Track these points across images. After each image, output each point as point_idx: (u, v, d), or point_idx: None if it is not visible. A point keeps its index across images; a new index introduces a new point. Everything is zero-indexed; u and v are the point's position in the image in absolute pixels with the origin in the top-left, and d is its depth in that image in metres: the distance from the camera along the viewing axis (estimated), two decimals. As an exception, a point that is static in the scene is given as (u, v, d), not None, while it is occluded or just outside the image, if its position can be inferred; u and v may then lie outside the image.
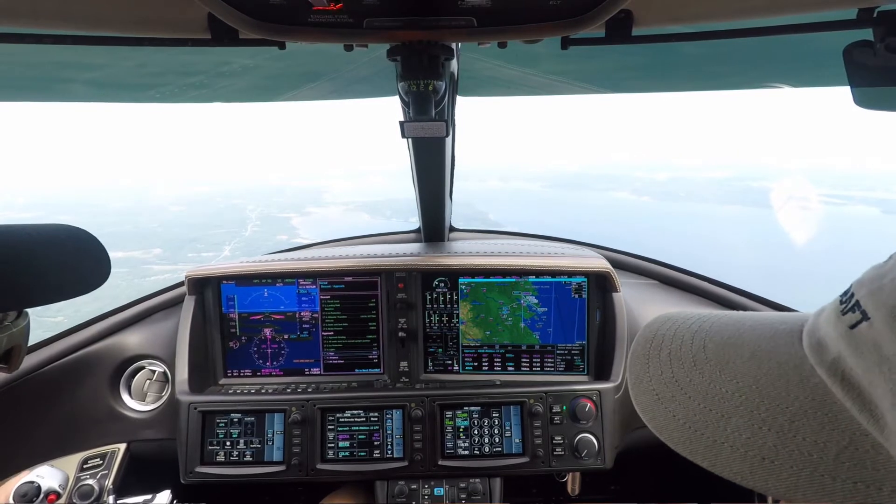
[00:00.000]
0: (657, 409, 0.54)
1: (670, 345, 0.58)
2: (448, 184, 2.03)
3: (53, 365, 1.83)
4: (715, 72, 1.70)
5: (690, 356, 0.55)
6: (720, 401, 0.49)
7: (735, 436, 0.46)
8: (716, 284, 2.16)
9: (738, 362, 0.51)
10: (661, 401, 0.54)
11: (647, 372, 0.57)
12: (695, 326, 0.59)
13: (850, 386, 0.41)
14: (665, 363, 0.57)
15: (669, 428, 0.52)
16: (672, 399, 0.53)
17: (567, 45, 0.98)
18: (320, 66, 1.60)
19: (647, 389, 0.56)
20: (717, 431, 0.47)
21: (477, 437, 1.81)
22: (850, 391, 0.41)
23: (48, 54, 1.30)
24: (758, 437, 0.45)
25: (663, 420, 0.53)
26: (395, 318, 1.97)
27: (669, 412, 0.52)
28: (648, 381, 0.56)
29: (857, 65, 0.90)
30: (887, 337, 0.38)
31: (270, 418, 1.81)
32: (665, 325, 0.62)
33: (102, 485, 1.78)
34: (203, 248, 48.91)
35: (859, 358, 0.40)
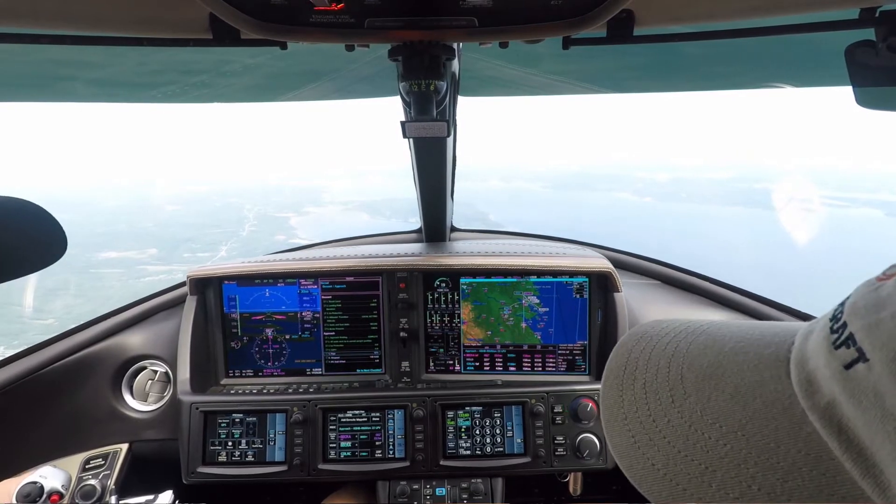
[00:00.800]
0: (634, 455, 0.46)
1: (645, 373, 0.50)
2: (449, 184, 2.03)
3: (55, 365, 1.83)
4: (716, 72, 1.70)
5: (668, 390, 0.47)
6: (703, 449, 0.42)
7: (721, 494, 0.39)
8: (717, 284, 2.16)
9: (720, 400, 0.43)
10: (638, 446, 0.46)
11: (621, 408, 0.50)
12: (671, 348, 0.51)
13: (849, 442, 0.34)
14: (640, 397, 0.49)
15: (649, 480, 0.44)
16: (650, 444, 0.45)
17: (568, 45, 0.98)
18: (321, 65, 1.60)
19: (623, 430, 0.48)
20: (701, 488, 0.41)
21: (478, 437, 1.81)
22: (850, 449, 0.34)
23: (47, 52, 1.30)
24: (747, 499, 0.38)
25: (642, 470, 0.45)
26: (397, 318, 1.97)
27: (648, 460, 0.45)
28: (623, 421, 0.49)
29: (858, 65, 0.89)
30: (890, 386, 0.31)
31: (272, 418, 1.81)
32: (639, 346, 0.54)
33: (105, 485, 1.79)
34: (199, 248, 48.51)
35: (858, 409, 0.33)
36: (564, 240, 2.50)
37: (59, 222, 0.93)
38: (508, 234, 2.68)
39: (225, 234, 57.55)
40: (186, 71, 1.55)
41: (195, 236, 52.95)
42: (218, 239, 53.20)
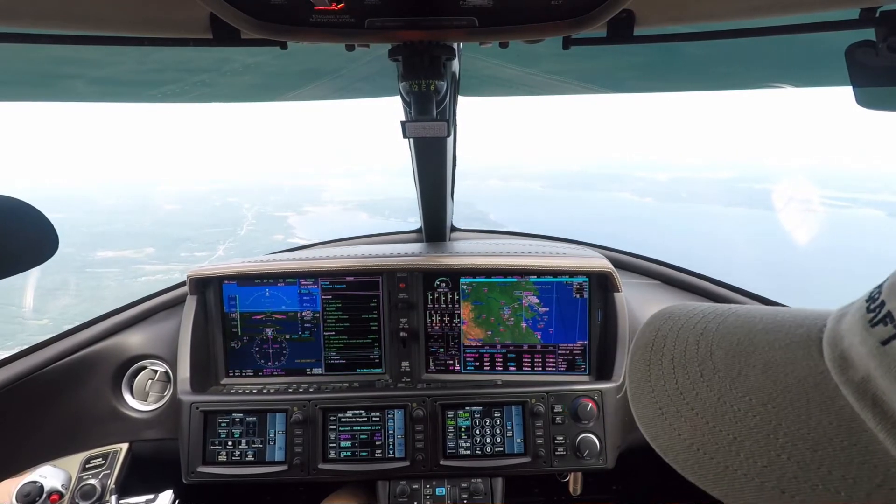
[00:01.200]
0: (660, 426, 0.48)
1: (673, 349, 0.52)
2: (449, 183, 2.03)
3: (55, 365, 1.83)
4: (716, 72, 1.70)
5: (697, 364, 0.49)
6: (732, 421, 0.43)
7: (749, 463, 0.40)
8: (718, 284, 2.16)
9: (750, 375, 0.45)
10: (664, 416, 0.48)
11: (648, 381, 0.51)
12: (700, 326, 0.52)
13: (884, 414, 0.35)
14: (668, 371, 0.50)
15: (675, 449, 0.46)
16: (677, 415, 0.47)
17: (568, 45, 0.98)
18: (322, 65, 1.60)
19: (650, 402, 0.50)
20: (728, 457, 0.42)
21: (478, 437, 1.81)
22: (885, 421, 0.35)
23: (47, 51, 1.30)
24: (776, 467, 0.39)
25: (668, 439, 0.47)
26: (397, 317, 1.97)
27: (674, 430, 0.46)
28: (650, 393, 0.50)
29: (859, 65, 0.89)
30: None
31: (272, 418, 1.81)
32: (667, 324, 0.55)
33: (105, 484, 1.79)
34: (196, 247, 48.05)
35: (891, 381, 0.34)
36: (564, 240, 2.50)
37: (49, 220, 0.92)
38: (508, 234, 2.68)
39: (223, 233, 57.10)
40: (187, 70, 1.55)
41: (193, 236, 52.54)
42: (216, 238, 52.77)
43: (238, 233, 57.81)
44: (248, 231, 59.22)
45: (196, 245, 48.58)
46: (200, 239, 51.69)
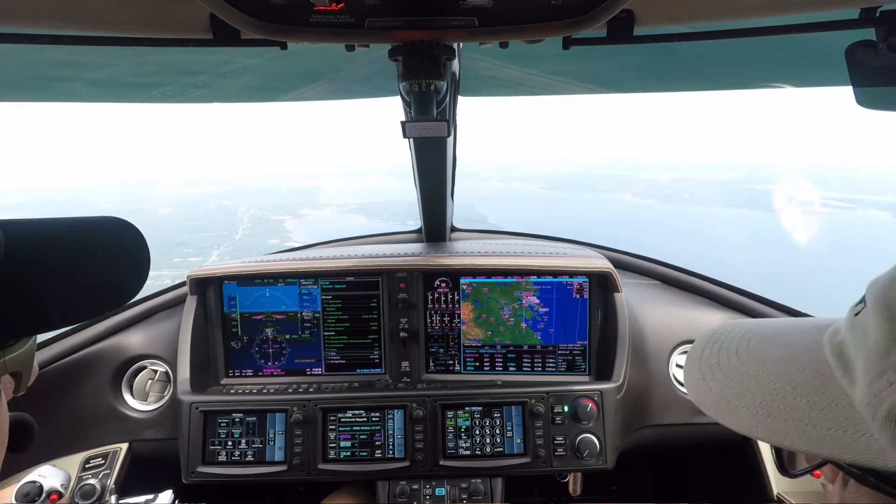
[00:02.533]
0: (699, 385, 0.68)
1: (724, 340, 0.71)
2: (449, 184, 2.03)
3: (55, 365, 1.83)
4: (716, 72, 1.70)
5: (735, 347, 0.68)
6: (746, 378, 0.62)
7: (751, 401, 0.59)
8: (717, 285, 2.16)
9: (769, 350, 0.64)
10: (704, 379, 0.68)
11: (699, 358, 0.71)
12: (748, 326, 0.72)
13: (843, 359, 0.53)
14: (714, 352, 0.70)
15: (705, 400, 0.66)
16: (712, 378, 0.67)
17: (568, 45, 0.98)
18: (321, 65, 1.60)
19: (696, 371, 0.70)
20: (739, 399, 0.61)
21: (478, 438, 1.81)
22: (841, 362, 0.53)
23: (45, 53, 1.30)
24: (767, 401, 0.58)
25: (702, 393, 0.67)
26: (397, 318, 1.97)
27: (708, 387, 0.66)
28: (699, 366, 0.70)
29: (859, 65, 0.89)
30: (871, 317, 0.50)
31: (272, 418, 1.81)
32: (726, 326, 0.75)
33: (104, 484, 1.78)
34: (190, 252, 47.05)
35: (852, 336, 0.53)
36: (564, 240, 2.50)
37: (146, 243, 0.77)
38: (508, 235, 2.68)
39: (217, 237, 56.18)
40: (185, 71, 1.55)
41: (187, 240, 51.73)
42: (210, 243, 51.94)
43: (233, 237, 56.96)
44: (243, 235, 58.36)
45: (190, 250, 47.73)
46: (194, 244, 50.78)
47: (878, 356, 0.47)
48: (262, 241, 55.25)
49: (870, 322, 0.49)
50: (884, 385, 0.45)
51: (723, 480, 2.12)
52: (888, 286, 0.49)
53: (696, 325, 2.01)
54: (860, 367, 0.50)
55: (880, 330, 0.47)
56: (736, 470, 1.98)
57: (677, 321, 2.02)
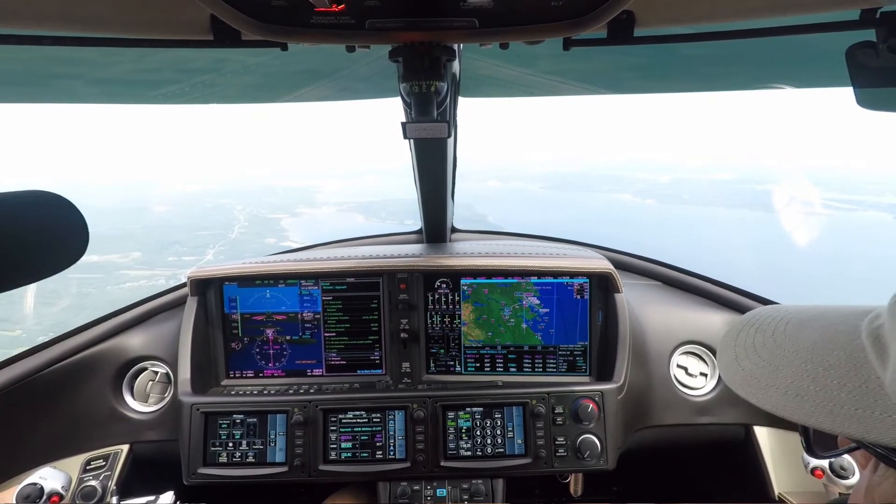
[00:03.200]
0: (732, 365, 0.68)
1: (761, 322, 0.72)
2: (450, 184, 2.03)
3: (56, 366, 1.83)
4: (716, 73, 1.70)
5: (772, 330, 0.69)
6: (779, 358, 0.63)
7: (782, 381, 0.60)
8: (717, 285, 2.16)
9: (806, 332, 0.64)
10: (737, 359, 0.68)
11: (735, 340, 0.72)
12: (784, 311, 0.72)
13: (879, 342, 0.53)
14: (751, 334, 0.70)
15: (736, 378, 0.66)
16: (745, 357, 0.67)
17: (569, 45, 0.98)
18: (322, 66, 1.60)
19: (730, 352, 0.70)
20: (770, 378, 0.62)
21: (479, 438, 1.81)
22: (877, 345, 0.53)
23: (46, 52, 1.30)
24: (797, 381, 0.58)
25: (733, 372, 0.67)
26: (397, 318, 1.97)
27: (740, 367, 0.67)
28: (733, 347, 0.71)
29: (859, 66, 0.90)
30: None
31: (273, 419, 1.81)
32: (763, 311, 0.75)
33: (105, 486, 1.79)
34: (185, 251, 46.01)
35: (892, 321, 0.53)
36: (565, 240, 2.50)
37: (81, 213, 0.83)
38: (509, 235, 2.68)
39: (213, 236, 55.27)
40: (187, 71, 1.55)
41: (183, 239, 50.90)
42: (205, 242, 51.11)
43: (229, 236, 56.16)
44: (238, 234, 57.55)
45: (185, 249, 46.82)
46: (189, 242, 49.89)
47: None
48: (259, 240, 54.62)
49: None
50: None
51: (724, 480, 2.12)
52: None
53: (696, 325, 2.01)
54: (894, 350, 0.50)
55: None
56: (737, 470, 1.98)
57: (678, 322, 2.02)
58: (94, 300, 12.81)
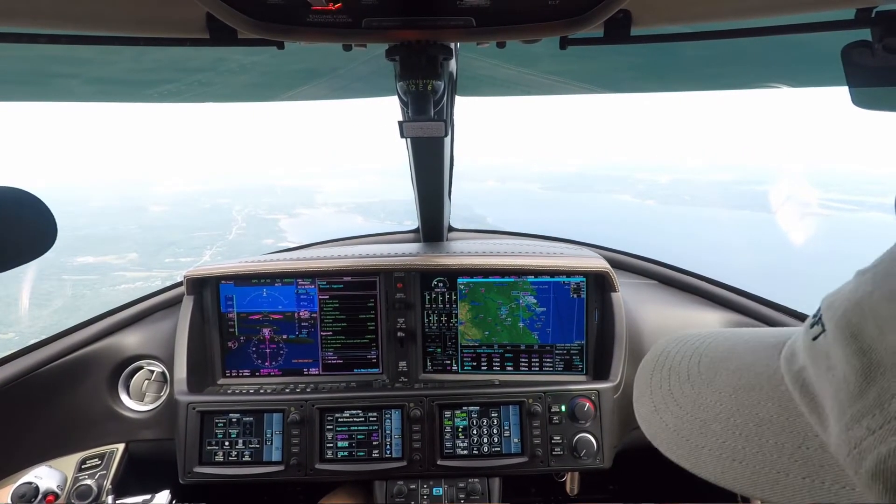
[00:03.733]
0: (653, 418, 0.59)
1: (672, 361, 0.64)
2: (447, 183, 2.03)
3: (51, 365, 1.83)
4: (713, 72, 1.70)
5: (686, 371, 0.61)
6: (704, 410, 0.55)
7: (713, 440, 0.52)
8: (714, 284, 2.16)
9: (723, 375, 0.57)
10: (657, 411, 0.60)
11: (648, 385, 0.64)
12: (697, 343, 0.65)
13: (807, 392, 0.47)
14: (664, 377, 0.63)
15: (661, 435, 0.57)
16: (666, 409, 0.59)
17: (565, 45, 0.98)
18: (319, 64, 1.60)
19: (647, 401, 0.62)
20: (699, 437, 0.53)
21: (476, 437, 1.81)
22: (807, 397, 0.47)
23: (42, 50, 1.29)
24: (730, 441, 0.50)
25: (657, 428, 0.58)
26: (394, 317, 1.97)
27: (663, 421, 0.58)
28: (649, 394, 0.62)
29: (855, 65, 0.90)
30: (833, 346, 0.44)
31: (269, 418, 1.81)
32: (672, 344, 0.68)
33: (101, 485, 1.78)
34: (182, 252, 45.29)
35: (815, 367, 0.46)
36: (562, 240, 2.50)
37: (48, 207, 0.88)
38: (506, 234, 2.68)
39: (211, 237, 54.36)
40: (184, 69, 1.54)
41: (180, 239, 50.25)
42: (203, 243, 50.45)
43: (226, 237, 55.46)
44: (236, 235, 56.84)
45: (182, 250, 46.21)
46: (187, 243, 49.18)
47: (851, 396, 0.40)
48: (256, 242, 54.13)
49: (834, 352, 0.43)
50: (863, 433, 0.39)
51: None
52: (850, 311, 0.43)
53: (693, 324, 2.01)
54: (831, 406, 0.43)
55: (850, 364, 0.41)
56: None
57: (674, 321, 2.03)
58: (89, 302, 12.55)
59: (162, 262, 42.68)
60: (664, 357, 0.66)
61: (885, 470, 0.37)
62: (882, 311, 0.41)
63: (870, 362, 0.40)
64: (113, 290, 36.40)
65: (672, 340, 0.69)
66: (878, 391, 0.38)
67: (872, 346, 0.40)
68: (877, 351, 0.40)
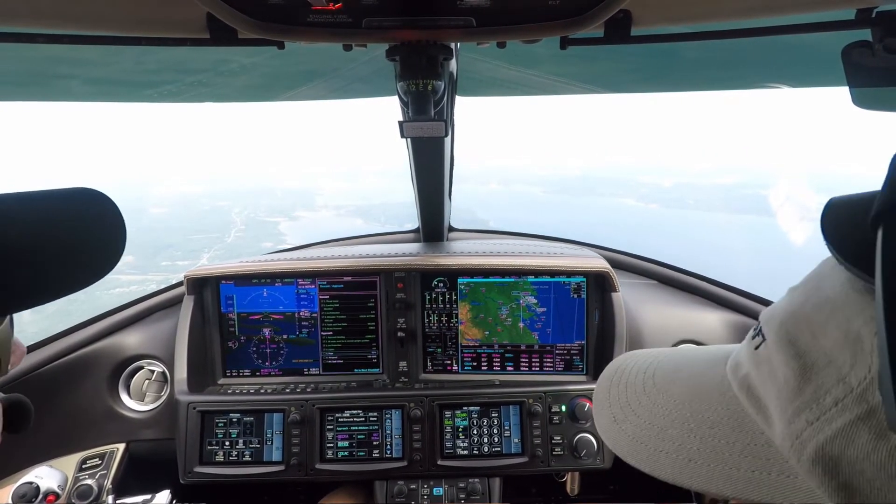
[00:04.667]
0: (612, 428, 0.64)
1: (627, 376, 0.69)
2: (447, 183, 2.03)
3: (52, 365, 1.83)
4: (713, 72, 1.70)
5: (641, 384, 0.66)
6: (661, 418, 0.60)
7: (669, 444, 0.57)
8: (714, 284, 2.16)
9: (676, 386, 0.63)
10: (616, 422, 0.64)
11: (607, 399, 0.68)
12: (650, 359, 0.71)
13: (752, 395, 0.52)
14: (622, 391, 0.67)
15: (621, 443, 0.62)
16: (625, 420, 0.63)
17: (566, 45, 0.98)
18: (319, 65, 1.60)
19: (607, 413, 0.66)
20: (657, 442, 0.58)
21: (476, 437, 1.81)
22: (752, 399, 0.52)
23: (42, 50, 1.29)
24: (686, 443, 0.55)
25: (617, 437, 0.63)
26: (394, 317, 1.97)
27: (622, 431, 0.63)
28: (608, 407, 0.67)
29: (855, 65, 0.90)
30: (774, 353, 0.49)
31: (269, 418, 1.81)
32: (627, 360, 0.74)
33: (101, 485, 1.78)
34: (179, 255, 44.25)
35: (759, 372, 0.51)
36: (562, 240, 2.50)
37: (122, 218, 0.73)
38: (506, 234, 2.68)
39: (209, 240, 53.38)
40: (184, 70, 1.54)
41: (177, 242, 49.44)
42: (201, 245, 49.67)
43: (225, 240, 54.66)
44: (235, 238, 55.92)
45: (179, 253, 45.41)
46: (184, 246, 48.33)
47: (790, 394, 0.46)
48: (255, 245, 53.50)
49: (774, 358, 0.48)
50: (803, 425, 0.44)
51: None
52: (787, 321, 0.49)
53: (693, 324, 2.01)
54: (774, 405, 0.48)
55: (788, 366, 0.46)
56: None
57: (675, 321, 2.03)
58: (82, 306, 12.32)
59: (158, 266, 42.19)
60: (619, 373, 0.71)
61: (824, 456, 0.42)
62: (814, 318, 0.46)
63: (805, 364, 0.45)
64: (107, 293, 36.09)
65: (626, 357, 0.76)
66: (814, 388, 0.43)
67: (807, 350, 0.45)
68: (811, 353, 0.45)
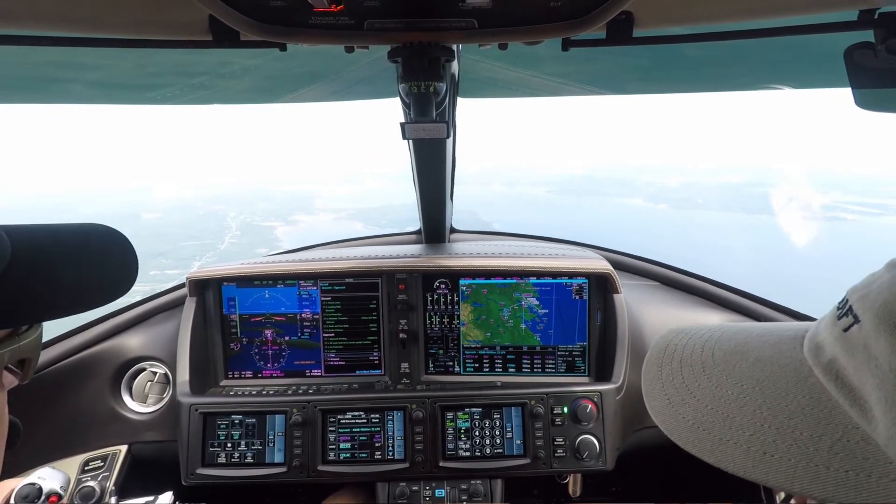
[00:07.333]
0: (668, 412, 0.58)
1: (682, 353, 0.63)
2: (449, 185, 2.03)
3: (55, 367, 1.83)
4: (715, 73, 1.70)
5: (700, 363, 0.60)
6: (726, 403, 0.54)
7: (739, 434, 0.50)
8: (717, 286, 2.16)
9: (743, 367, 0.56)
10: (672, 405, 0.58)
11: (659, 378, 0.63)
12: (706, 336, 0.64)
13: (843, 384, 0.46)
14: (676, 370, 0.62)
15: (679, 429, 0.56)
16: (682, 403, 0.58)
17: (568, 46, 0.99)
18: (321, 67, 1.60)
19: (660, 395, 0.61)
20: (722, 430, 0.52)
21: (478, 439, 1.81)
22: (843, 388, 0.45)
23: (44, 53, 1.30)
24: (759, 434, 0.49)
25: (674, 423, 0.57)
26: (396, 319, 1.97)
27: (680, 415, 0.57)
28: (661, 388, 0.61)
29: (858, 66, 0.90)
30: (874, 337, 0.43)
31: (271, 420, 1.81)
32: (678, 336, 0.67)
33: (104, 486, 1.78)
34: (169, 264, 42.94)
35: (851, 358, 0.45)
36: (564, 241, 2.50)
37: (134, 249, 0.84)
38: (508, 236, 2.68)
39: (202, 246, 51.57)
40: (186, 73, 1.55)
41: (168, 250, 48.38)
42: (192, 253, 48.49)
43: (218, 246, 53.22)
44: (229, 245, 54.02)
45: (169, 261, 44.20)
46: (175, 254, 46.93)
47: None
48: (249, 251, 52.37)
49: (874, 343, 0.43)
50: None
51: (724, 482, 2.11)
52: (893, 301, 0.43)
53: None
54: (877, 397, 0.42)
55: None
56: None
57: (677, 322, 2.02)
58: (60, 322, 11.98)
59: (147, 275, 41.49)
60: (672, 349, 0.65)
61: None
62: None
63: None
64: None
65: (676, 332, 0.68)
66: None
67: None
68: None
